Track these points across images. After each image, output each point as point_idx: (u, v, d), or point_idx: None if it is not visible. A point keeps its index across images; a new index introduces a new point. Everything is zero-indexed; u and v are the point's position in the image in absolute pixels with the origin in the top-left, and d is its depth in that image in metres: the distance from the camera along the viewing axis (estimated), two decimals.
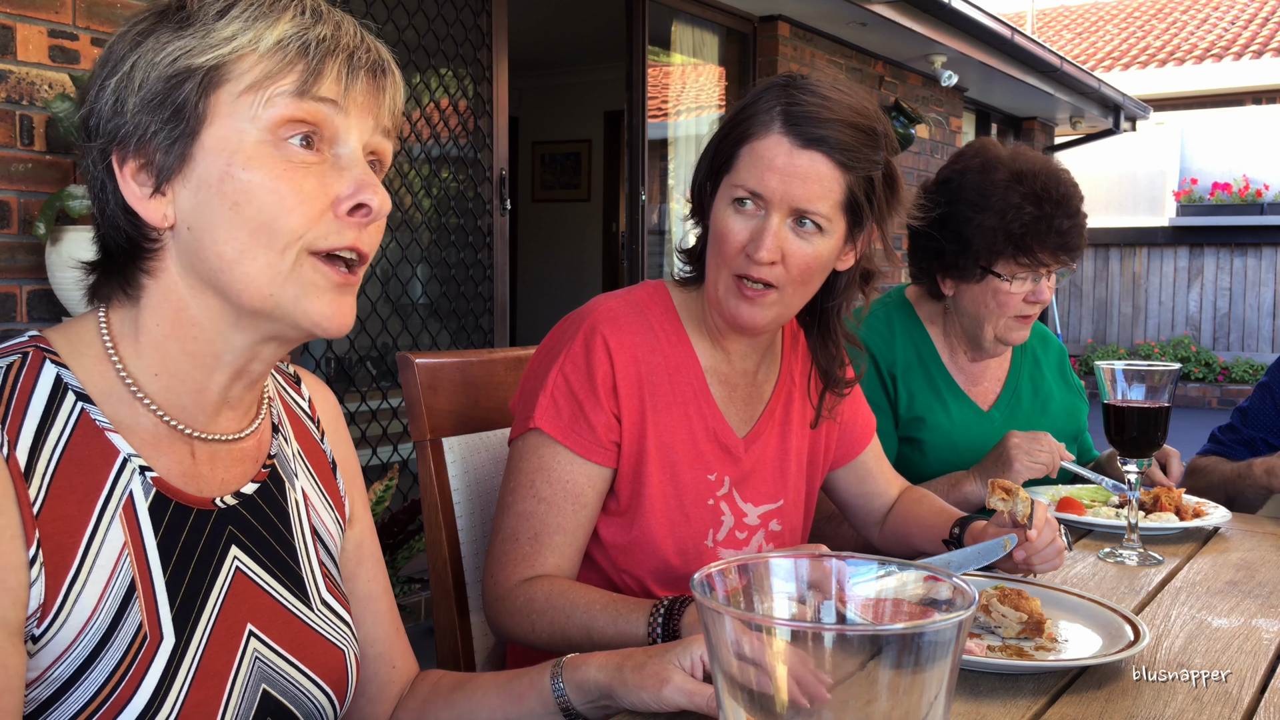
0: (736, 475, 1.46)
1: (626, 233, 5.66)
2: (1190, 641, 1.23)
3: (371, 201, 0.88)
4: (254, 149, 0.85)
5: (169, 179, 0.86)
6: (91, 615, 0.83)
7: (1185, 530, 1.73)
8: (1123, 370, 1.59)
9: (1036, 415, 2.09)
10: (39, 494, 0.82)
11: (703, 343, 1.47)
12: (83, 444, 0.86)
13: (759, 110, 1.37)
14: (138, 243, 0.89)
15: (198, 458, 0.93)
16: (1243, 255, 12.06)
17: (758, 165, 1.35)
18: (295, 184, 0.85)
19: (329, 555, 1.06)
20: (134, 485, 0.88)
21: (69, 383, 0.87)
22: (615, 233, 8.67)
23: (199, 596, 0.90)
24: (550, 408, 1.36)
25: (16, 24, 2.70)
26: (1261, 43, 13.47)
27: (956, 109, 8.31)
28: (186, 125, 0.85)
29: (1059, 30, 16.08)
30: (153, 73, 0.85)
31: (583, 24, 7.10)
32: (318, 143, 0.87)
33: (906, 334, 2.03)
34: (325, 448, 1.11)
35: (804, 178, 1.34)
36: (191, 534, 0.91)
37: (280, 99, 0.85)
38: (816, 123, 1.34)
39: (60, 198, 2.52)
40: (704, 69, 6.04)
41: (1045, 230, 1.86)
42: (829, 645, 0.54)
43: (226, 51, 0.85)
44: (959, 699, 1.05)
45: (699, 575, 0.60)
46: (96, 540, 0.84)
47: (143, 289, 0.90)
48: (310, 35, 0.86)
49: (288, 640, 0.96)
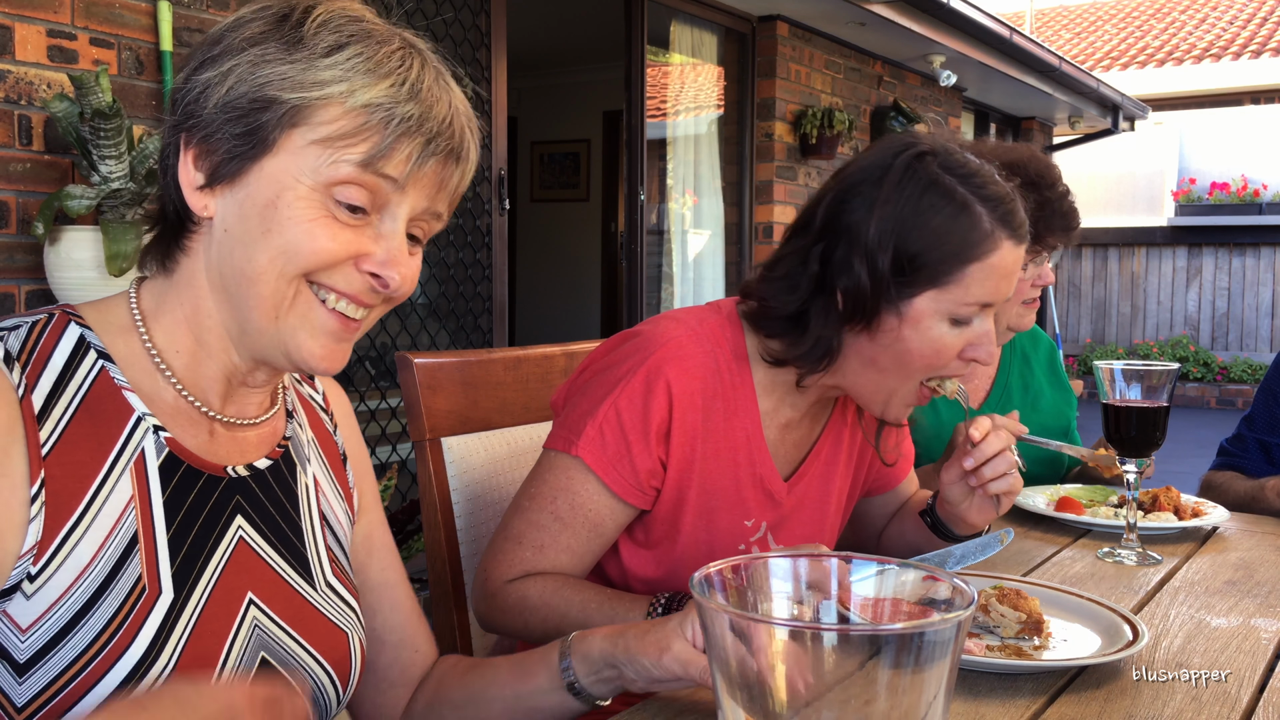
0: (775, 519, 1.42)
1: (625, 232, 5.66)
2: (1189, 641, 1.23)
3: (392, 280, 0.90)
4: (306, 193, 0.87)
5: (221, 182, 0.89)
6: (90, 562, 0.84)
7: (1184, 530, 1.73)
8: (1121, 370, 1.60)
9: (1026, 412, 2.10)
10: (50, 436, 0.84)
11: (768, 392, 1.39)
12: (100, 399, 0.88)
13: (971, 225, 1.25)
14: (183, 216, 0.93)
15: (216, 436, 0.96)
16: (1241, 255, 12.07)
17: (991, 279, 1.27)
18: (330, 231, 0.88)
19: (337, 542, 1.06)
20: (146, 443, 0.90)
21: (91, 342, 0.90)
22: (614, 232, 8.67)
23: (200, 558, 0.91)
24: (597, 439, 1.29)
25: (15, 24, 2.70)
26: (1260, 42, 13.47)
27: (955, 109, 8.32)
28: (254, 148, 0.87)
29: (1057, 30, 16.09)
30: (243, 85, 0.87)
31: (581, 24, 7.10)
32: (368, 208, 0.89)
33: None
34: (337, 439, 1.13)
35: (1018, 271, 1.32)
36: (199, 497, 0.92)
37: (345, 165, 0.87)
38: (1020, 211, 1.30)
39: (59, 198, 2.52)
40: (703, 69, 6.04)
41: (1051, 215, 1.89)
42: (829, 645, 0.54)
43: (315, 95, 0.86)
44: (958, 699, 1.05)
45: (698, 575, 0.60)
46: (104, 491, 0.86)
47: (177, 264, 0.94)
48: (397, 111, 0.87)
49: (289, 614, 0.96)
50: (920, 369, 1.31)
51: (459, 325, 4.55)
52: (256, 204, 0.88)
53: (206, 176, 0.90)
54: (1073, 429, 2.22)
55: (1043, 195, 1.88)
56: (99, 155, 2.55)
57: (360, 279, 0.90)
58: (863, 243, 1.26)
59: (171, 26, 3.01)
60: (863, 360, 1.32)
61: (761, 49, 6.11)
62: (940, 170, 1.27)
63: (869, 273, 1.26)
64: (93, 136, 2.53)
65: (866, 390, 1.35)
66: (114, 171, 2.57)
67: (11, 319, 0.90)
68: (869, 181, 1.28)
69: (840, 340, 1.32)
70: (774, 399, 1.40)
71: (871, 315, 1.28)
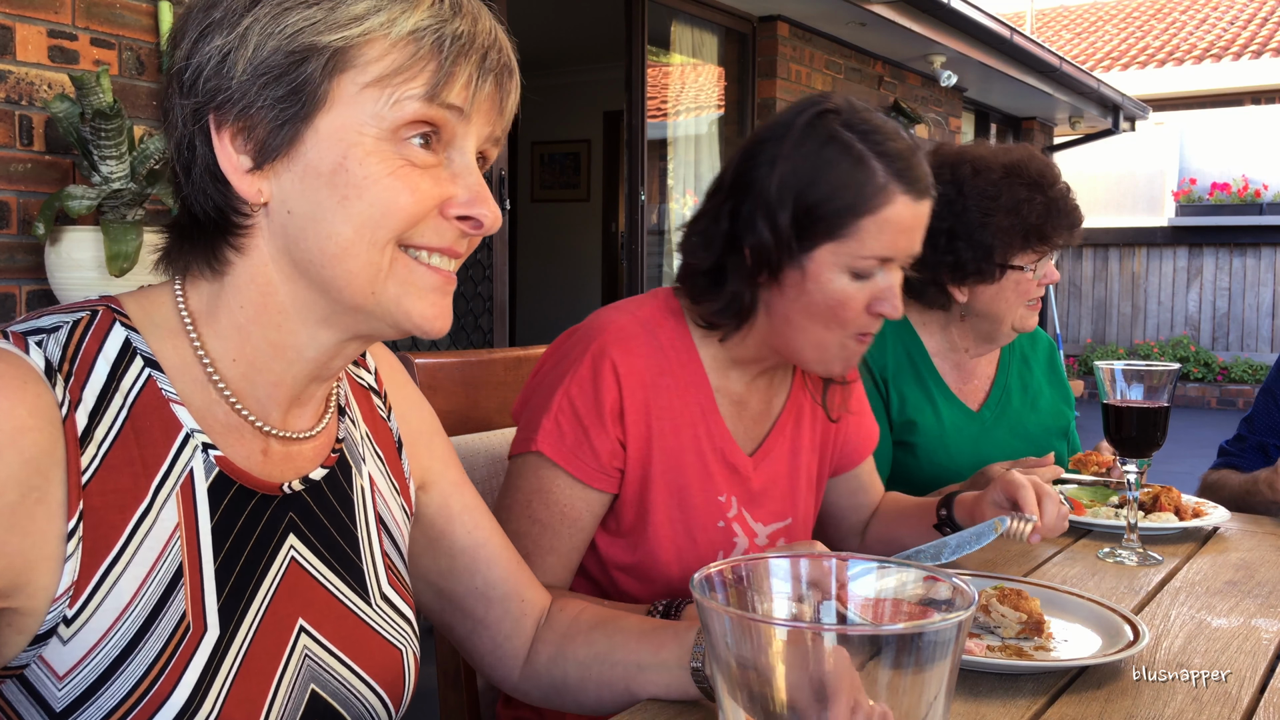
0: (745, 496, 1.44)
1: (626, 233, 5.66)
2: (1190, 641, 1.23)
3: (485, 217, 0.83)
4: (373, 145, 0.79)
5: (272, 159, 0.80)
6: (131, 601, 0.77)
7: (1184, 530, 1.73)
8: (1122, 370, 1.59)
9: (1026, 413, 2.10)
10: (92, 462, 0.76)
11: (714, 362, 1.43)
12: (146, 413, 0.80)
13: (867, 178, 1.28)
14: (226, 215, 0.83)
15: (270, 454, 0.88)
16: (1242, 255, 12.06)
17: (887, 233, 1.29)
18: (411, 183, 0.80)
19: (394, 545, 1.01)
20: (195, 463, 0.82)
21: (138, 347, 0.82)
22: (615, 233, 8.67)
23: (249, 587, 0.84)
24: (554, 431, 1.32)
25: (16, 24, 2.70)
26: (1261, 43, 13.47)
27: (956, 109, 8.32)
28: (303, 107, 0.78)
29: (1058, 30, 16.08)
30: (270, 41, 0.78)
31: (582, 24, 7.10)
32: (435, 143, 0.82)
33: (896, 337, 2.03)
34: (392, 424, 1.05)
35: (923, 225, 1.33)
36: (250, 519, 0.85)
37: (409, 102, 0.79)
38: (921, 166, 1.32)
39: (59, 198, 2.52)
40: (703, 69, 6.04)
41: (1057, 214, 1.90)
42: (829, 645, 0.54)
43: (356, 33, 0.78)
44: (958, 699, 1.05)
45: (698, 575, 0.60)
46: (148, 519, 0.79)
47: (229, 265, 0.84)
48: (446, 30, 0.80)
49: (341, 637, 0.91)
50: (830, 322, 1.33)
51: (459, 325, 4.55)
52: (322, 171, 0.79)
53: (254, 155, 0.80)
54: (1071, 429, 2.22)
55: (1047, 195, 1.88)
56: (100, 155, 2.55)
57: (450, 228, 0.83)
58: (765, 198, 1.30)
59: None
60: (779, 317, 1.36)
61: (762, 49, 6.11)
62: (840, 127, 1.30)
63: (770, 228, 1.30)
64: (93, 137, 2.53)
65: (794, 347, 1.38)
66: (115, 172, 2.57)
67: (50, 316, 0.81)
68: (773, 139, 1.32)
69: (754, 297, 1.36)
70: (722, 373, 1.43)
71: (776, 269, 1.32)
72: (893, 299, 1.33)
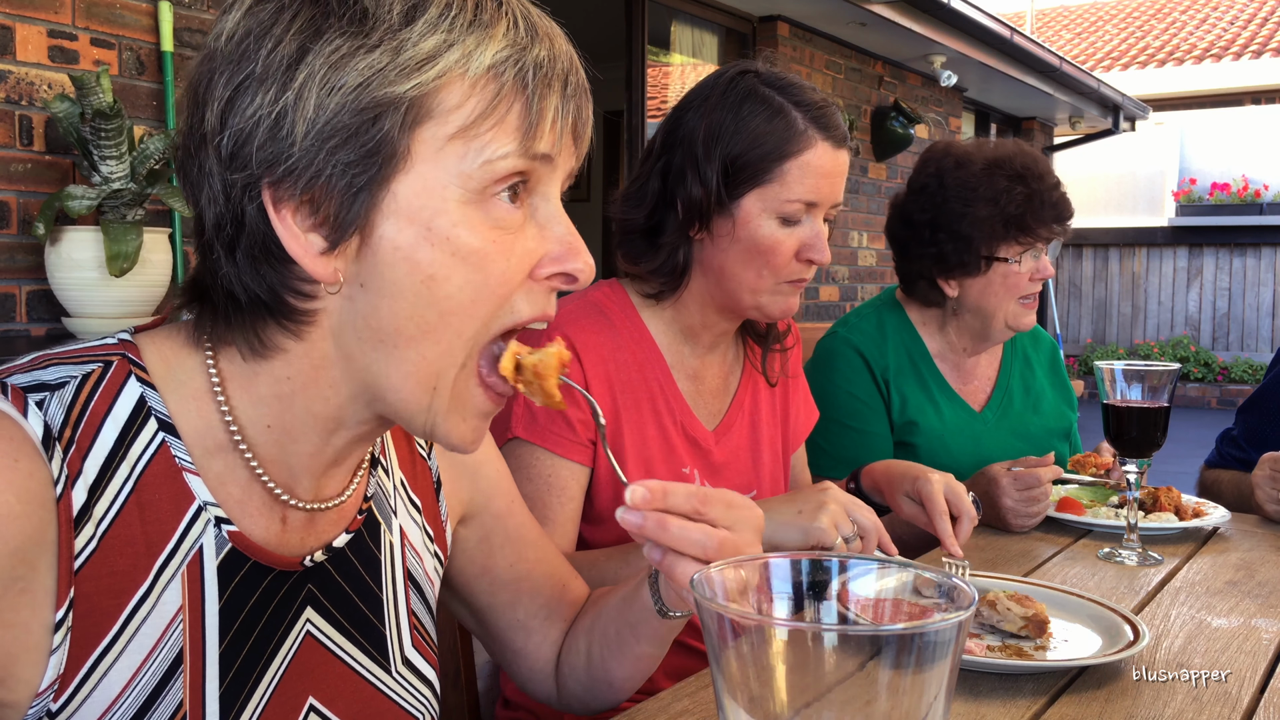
0: (707, 468, 1.48)
1: None
2: (1190, 641, 1.23)
3: (580, 272, 0.74)
4: (459, 212, 0.69)
5: (349, 234, 0.68)
6: (124, 690, 0.70)
7: (1184, 530, 1.73)
8: (1122, 370, 1.59)
9: (1029, 414, 2.10)
10: (88, 544, 0.68)
11: (666, 339, 1.48)
12: (155, 484, 0.72)
13: (787, 125, 1.36)
14: (283, 298, 0.71)
15: (289, 524, 0.80)
16: (1242, 255, 12.06)
17: (809, 177, 1.36)
18: (505, 251, 0.70)
19: (422, 600, 0.94)
20: (205, 539, 0.74)
21: (154, 408, 0.73)
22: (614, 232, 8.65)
23: (256, 669, 0.77)
24: (525, 415, 1.36)
25: (16, 24, 2.70)
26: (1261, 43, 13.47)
27: (956, 109, 8.31)
28: (380, 171, 0.67)
29: (1058, 30, 16.08)
30: (334, 98, 0.66)
31: (582, 24, 7.08)
32: (522, 193, 0.72)
33: (898, 336, 2.04)
34: (431, 463, 0.97)
35: (842, 174, 1.40)
36: (263, 596, 0.78)
37: (503, 160, 0.69)
38: (836, 117, 1.40)
39: (59, 198, 2.52)
40: (703, 69, 6.04)
41: (1039, 205, 1.90)
42: (829, 645, 0.54)
43: (431, 77, 0.67)
44: (959, 699, 1.05)
45: (698, 575, 0.60)
46: (147, 603, 0.71)
47: (280, 350, 0.73)
48: (527, 60, 0.70)
49: (355, 713, 0.84)
50: (762, 268, 1.39)
51: None
52: (403, 246, 0.68)
53: (328, 231, 0.68)
54: (1073, 430, 2.22)
55: (1030, 187, 1.89)
56: (100, 156, 2.55)
57: (540, 291, 0.74)
58: (693, 153, 1.38)
59: (172, 27, 3.01)
60: (714, 269, 1.42)
61: (762, 49, 6.11)
62: (759, 82, 1.40)
63: (699, 179, 1.38)
64: (93, 137, 2.53)
65: (733, 297, 1.43)
66: (115, 172, 2.57)
67: (56, 367, 0.71)
68: (698, 99, 1.42)
69: (689, 253, 1.43)
70: (674, 349, 1.49)
71: (707, 219, 1.39)
72: (820, 244, 1.39)
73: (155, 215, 2.90)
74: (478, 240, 0.69)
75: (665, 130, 1.44)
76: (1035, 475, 1.68)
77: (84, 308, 2.63)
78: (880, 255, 7.27)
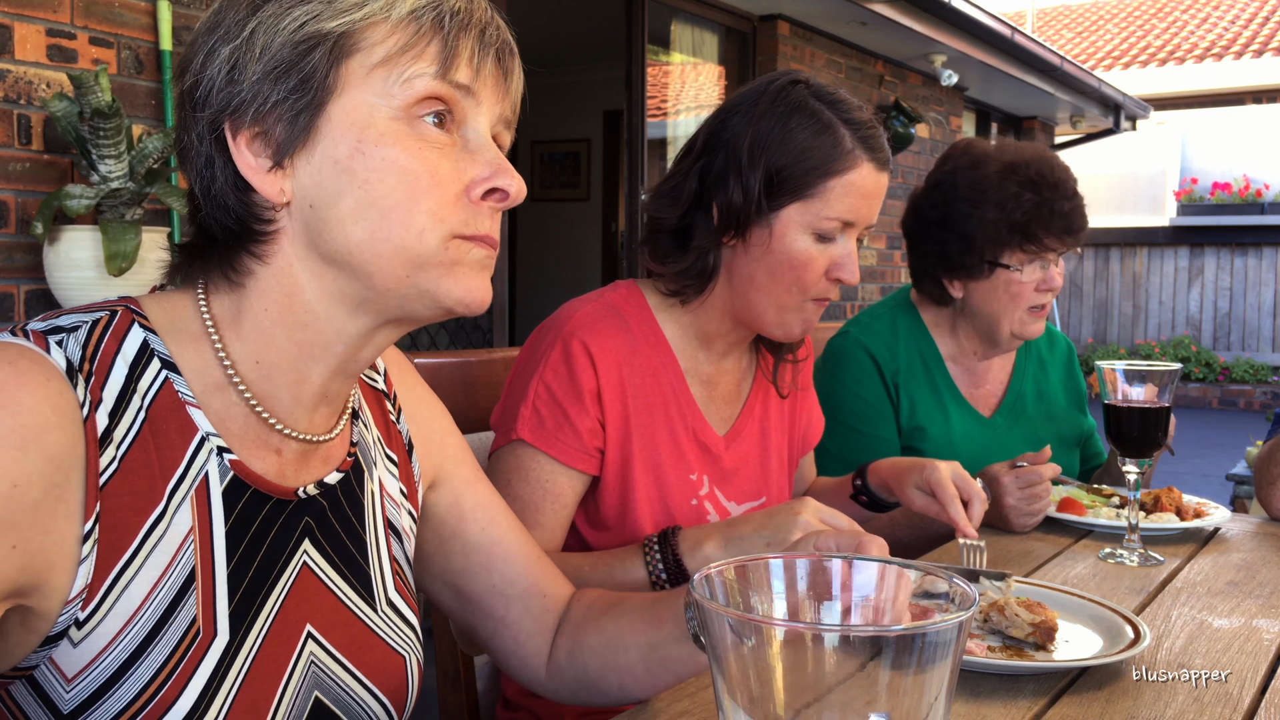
0: (717, 475, 1.47)
1: (626, 232, 5.66)
2: (1191, 642, 1.22)
3: (510, 186, 0.83)
4: (386, 125, 0.80)
5: (290, 153, 0.80)
6: (142, 604, 0.77)
7: (1186, 531, 1.73)
8: (1123, 370, 1.59)
9: (1041, 421, 2.07)
10: (111, 463, 0.76)
11: (681, 343, 1.47)
12: (163, 416, 0.80)
13: (834, 143, 1.35)
14: (248, 224, 0.82)
15: (284, 456, 0.88)
16: (1243, 255, 12.07)
17: (851, 196, 1.36)
18: (430, 164, 0.80)
19: (402, 550, 1.01)
20: (210, 467, 0.82)
21: (156, 349, 0.81)
22: (614, 232, 8.67)
23: (260, 592, 0.84)
24: (532, 418, 1.34)
25: (14, 23, 2.69)
26: (1262, 42, 13.47)
27: (956, 108, 8.31)
28: (314, 96, 0.79)
29: (1059, 29, 16.09)
30: (276, 39, 0.79)
31: (582, 23, 7.09)
32: (449, 123, 0.82)
33: (911, 338, 2.01)
34: (402, 426, 1.05)
35: (881, 196, 1.40)
36: (264, 524, 0.85)
37: (419, 79, 0.80)
38: (882, 139, 1.39)
39: (58, 197, 2.51)
40: (703, 68, 6.04)
41: (1048, 215, 1.86)
42: (829, 646, 0.53)
43: (358, 18, 0.79)
44: (959, 699, 1.04)
45: (698, 575, 0.60)
46: (162, 523, 0.78)
47: (250, 275, 0.84)
48: (444, 7, 0.81)
49: (347, 644, 0.91)
50: (792, 283, 1.38)
51: (459, 325, 4.55)
52: (340, 159, 0.79)
53: (273, 152, 0.80)
54: (1095, 436, 2.18)
55: (1041, 195, 1.85)
56: (98, 155, 2.55)
57: (481, 211, 0.83)
58: (736, 159, 1.37)
59: (171, 26, 3.01)
60: (741, 278, 1.41)
61: (762, 48, 6.11)
62: (810, 95, 1.38)
63: (741, 186, 1.36)
64: (92, 136, 2.53)
65: (755, 310, 1.42)
66: (113, 171, 2.57)
67: (68, 315, 0.81)
68: (745, 105, 1.40)
69: (718, 258, 1.42)
70: (689, 354, 1.47)
71: (744, 227, 1.38)
72: (851, 265, 1.38)
73: (154, 215, 2.90)
74: (403, 149, 0.80)
75: (708, 132, 1.42)
76: (1037, 473, 1.68)
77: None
78: (880, 255, 7.27)
